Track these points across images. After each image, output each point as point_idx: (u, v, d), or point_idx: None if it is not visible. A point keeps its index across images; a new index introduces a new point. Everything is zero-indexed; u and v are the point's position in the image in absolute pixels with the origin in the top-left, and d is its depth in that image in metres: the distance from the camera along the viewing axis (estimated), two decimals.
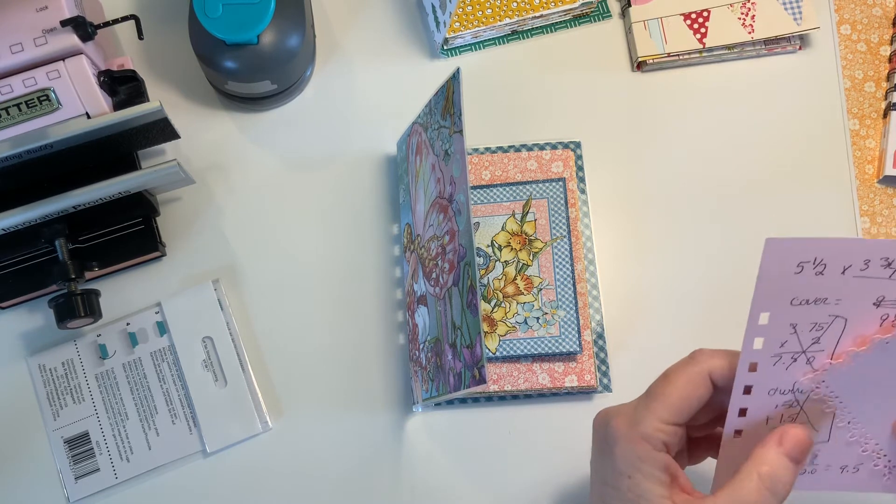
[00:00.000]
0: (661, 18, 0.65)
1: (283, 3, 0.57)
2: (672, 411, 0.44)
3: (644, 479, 0.44)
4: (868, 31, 0.67)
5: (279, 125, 0.65)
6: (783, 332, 0.44)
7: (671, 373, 0.46)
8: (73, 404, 0.60)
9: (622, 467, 0.44)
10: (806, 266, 0.43)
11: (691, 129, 0.65)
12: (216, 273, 0.62)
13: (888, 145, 0.64)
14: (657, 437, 0.44)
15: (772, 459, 0.43)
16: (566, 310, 0.59)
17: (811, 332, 0.44)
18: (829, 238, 0.43)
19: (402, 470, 0.60)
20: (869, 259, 0.43)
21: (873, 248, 0.43)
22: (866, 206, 0.64)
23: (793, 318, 0.44)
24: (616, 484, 0.45)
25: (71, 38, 0.54)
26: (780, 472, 0.43)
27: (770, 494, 0.42)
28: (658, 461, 0.44)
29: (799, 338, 0.44)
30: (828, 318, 0.44)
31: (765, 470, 0.43)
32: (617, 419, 0.46)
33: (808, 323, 0.44)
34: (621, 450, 0.45)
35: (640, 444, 0.44)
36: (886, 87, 0.66)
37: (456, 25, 0.64)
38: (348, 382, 0.61)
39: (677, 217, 0.64)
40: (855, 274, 0.43)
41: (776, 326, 0.44)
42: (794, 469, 0.43)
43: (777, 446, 0.43)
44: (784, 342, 0.44)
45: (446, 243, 0.52)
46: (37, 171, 0.56)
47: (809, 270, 0.43)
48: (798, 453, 0.44)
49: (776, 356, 0.45)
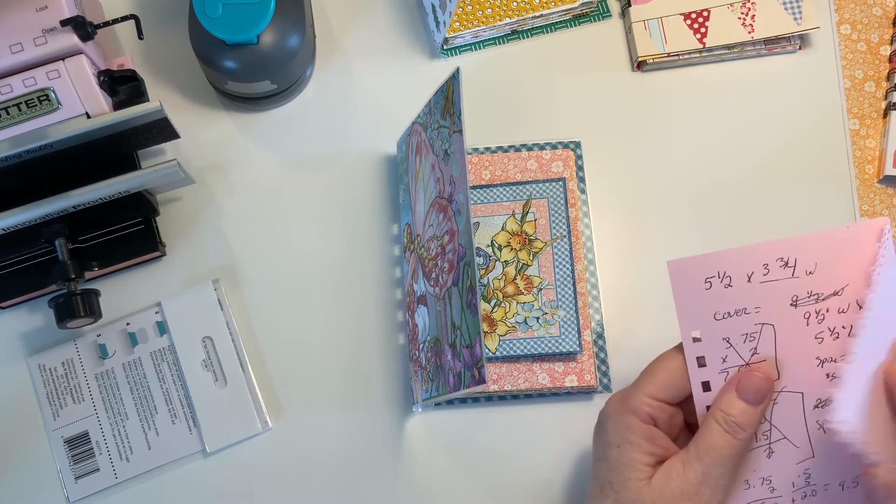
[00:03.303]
0: (661, 18, 0.65)
1: (283, 3, 0.57)
2: (658, 387, 0.47)
3: (631, 447, 0.46)
4: (868, 31, 0.67)
5: (279, 125, 0.65)
6: (720, 347, 0.46)
7: (662, 356, 0.48)
8: (73, 404, 0.60)
9: (611, 438, 0.47)
10: (713, 281, 0.45)
11: (691, 129, 0.65)
12: (216, 273, 0.62)
13: (888, 145, 0.64)
14: (643, 410, 0.47)
15: (727, 401, 0.45)
16: (566, 310, 0.59)
17: (746, 342, 0.46)
18: (725, 250, 0.45)
19: (402, 470, 0.60)
20: (767, 263, 0.44)
21: (767, 252, 0.44)
22: (866, 206, 0.64)
23: (723, 332, 0.46)
24: (606, 455, 0.48)
25: (71, 38, 0.54)
26: (735, 413, 0.45)
27: (731, 437, 0.45)
28: (643, 431, 0.47)
29: (737, 350, 0.46)
30: (755, 327, 0.46)
31: (719, 415, 0.45)
32: (610, 399, 0.49)
33: (739, 335, 0.46)
34: (612, 423, 0.48)
35: (627, 416, 0.47)
36: (886, 87, 0.66)
37: (456, 25, 0.64)
38: (348, 382, 0.61)
39: (677, 217, 0.64)
40: (760, 280, 0.45)
41: (710, 343, 0.46)
42: (752, 410, 0.45)
43: (729, 391, 0.46)
44: (725, 357, 0.46)
45: (446, 243, 0.52)
46: (37, 171, 0.56)
47: (718, 284, 0.45)
48: (753, 394, 0.45)
49: (723, 371, 0.46)
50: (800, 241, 0.44)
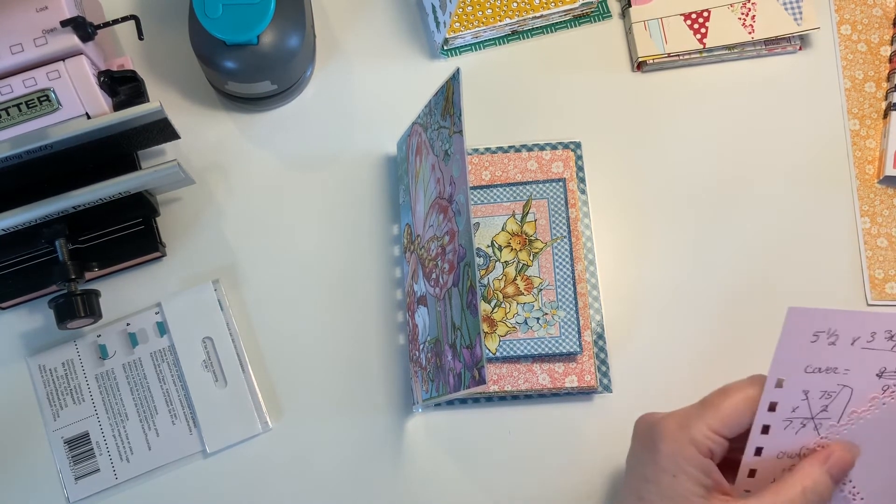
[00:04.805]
0: (662, 18, 0.65)
1: (283, 3, 0.57)
2: (723, 422, 0.46)
3: (687, 479, 0.46)
4: (868, 32, 0.67)
5: (279, 125, 0.65)
6: (796, 398, 0.46)
7: (729, 388, 0.47)
8: (73, 405, 0.60)
9: (666, 465, 0.46)
10: (821, 336, 0.45)
11: (691, 130, 0.65)
12: (216, 273, 0.62)
13: (888, 145, 0.64)
14: (705, 443, 0.46)
15: (816, 475, 0.45)
16: (566, 310, 0.59)
17: (821, 399, 0.46)
18: (844, 311, 0.45)
19: (402, 470, 0.60)
20: (875, 331, 0.45)
21: (879, 322, 0.45)
22: (866, 206, 0.64)
23: (806, 385, 0.46)
24: (657, 479, 0.47)
25: (71, 39, 0.54)
26: (822, 488, 0.45)
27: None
28: (702, 465, 0.46)
29: (810, 404, 0.46)
30: (836, 387, 0.46)
31: (809, 484, 0.45)
32: (667, 419, 0.48)
33: (819, 391, 0.46)
34: (668, 448, 0.46)
35: (686, 447, 0.46)
36: (887, 88, 0.66)
37: (456, 25, 0.64)
38: (348, 382, 0.61)
39: (677, 217, 0.64)
40: (863, 345, 0.45)
41: (790, 392, 0.46)
42: (833, 487, 0.46)
43: (822, 464, 0.45)
44: (796, 407, 0.46)
45: (446, 244, 0.52)
46: (37, 171, 0.56)
47: (823, 339, 0.45)
48: (839, 473, 0.46)
49: (787, 420, 0.47)
50: None
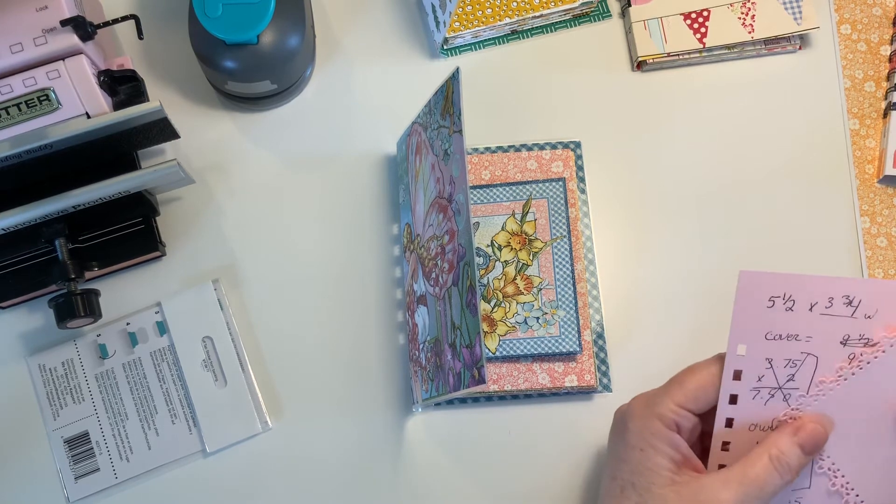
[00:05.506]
0: (661, 18, 0.65)
1: (283, 3, 0.57)
2: (687, 396, 0.47)
3: (655, 453, 0.47)
4: (868, 31, 0.67)
5: (279, 125, 0.65)
6: (759, 366, 0.47)
7: (695, 365, 0.49)
8: (73, 404, 0.60)
9: (634, 441, 0.48)
10: (777, 301, 0.45)
11: (691, 129, 0.65)
12: (216, 273, 0.62)
13: (888, 145, 0.64)
14: (669, 417, 0.47)
15: (783, 444, 0.46)
16: (566, 310, 0.59)
17: (786, 368, 0.46)
18: (799, 274, 0.45)
19: (402, 470, 0.60)
20: (832, 297, 0.45)
21: (837, 286, 0.44)
22: (866, 206, 0.64)
23: (768, 353, 0.46)
24: (627, 457, 0.48)
25: (71, 38, 0.54)
26: (790, 458, 0.45)
27: (777, 475, 0.45)
28: (669, 439, 0.47)
29: (775, 373, 0.47)
30: (800, 356, 0.46)
31: (774, 452, 0.45)
32: (635, 399, 0.49)
33: (783, 359, 0.46)
34: (635, 425, 0.48)
35: (652, 421, 0.47)
36: (886, 87, 0.66)
37: (456, 25, 0.64)
38: (348, 382, 0.61)
39: (677, 216, 0.64)
40: (821, 311, 0.45)
41: (753, 359, 0.46)
42: (804, 458, 0.46)
43: (792, 435, 0.46)
44: (761, 376, 0.47)
45: (446, 243, 0.52)
46: (37, 171, 0.56)
47: (780, 305, 0.45)
48: (811, 445, 0.46)
49: (755, 390, 0.47)
50: (870, 285, 0.45)
